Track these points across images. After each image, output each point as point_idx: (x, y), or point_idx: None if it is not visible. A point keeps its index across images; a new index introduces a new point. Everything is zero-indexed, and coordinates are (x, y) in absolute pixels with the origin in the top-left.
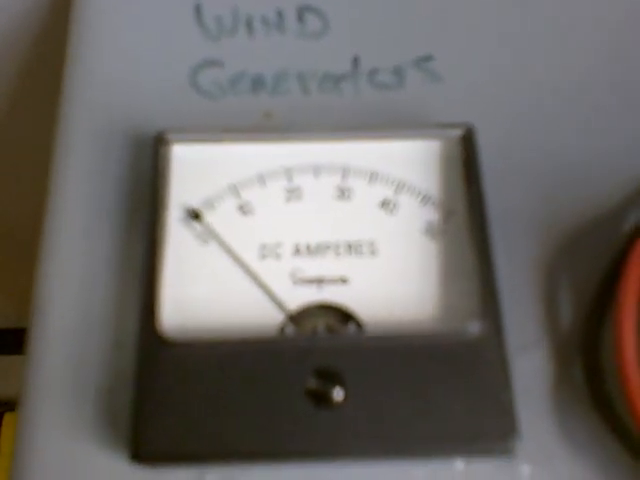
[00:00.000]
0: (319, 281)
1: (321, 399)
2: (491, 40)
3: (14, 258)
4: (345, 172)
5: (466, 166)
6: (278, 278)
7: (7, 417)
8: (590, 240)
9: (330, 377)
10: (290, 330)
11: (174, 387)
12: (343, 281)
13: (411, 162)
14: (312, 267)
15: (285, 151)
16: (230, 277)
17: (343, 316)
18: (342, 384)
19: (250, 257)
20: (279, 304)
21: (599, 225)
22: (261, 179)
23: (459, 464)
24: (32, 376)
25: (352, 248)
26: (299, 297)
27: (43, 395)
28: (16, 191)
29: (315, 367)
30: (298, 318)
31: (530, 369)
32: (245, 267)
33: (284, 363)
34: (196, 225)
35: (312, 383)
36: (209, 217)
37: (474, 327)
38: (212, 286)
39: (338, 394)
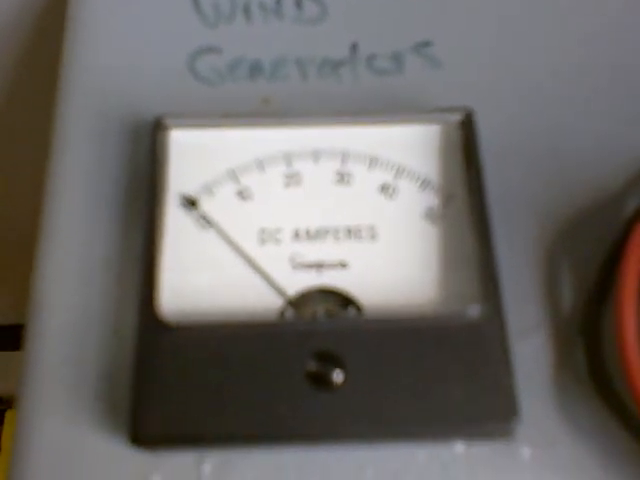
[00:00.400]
0: (319, 266)
1: (321, 381)
2: (490, 25)
3: (10, 254)
4: (344, 157)
5: (466, 150)
6: (278, 263)
7: (8, 414)
8: (591, 224)
9: (330, 360)
10: (290, 314)
11: (173, 370)
12: (343, 266)
13: (410, 147)
14: (312, 252)
15: (284, 136)
16: (229, 263)
17: (343, 301)
18: (342, 367)
19: (249, 242)
20: (278, 289)
21: (600, 209)
22: (260, 164)
23: (459, 447)
24: (32, 365)
25: (352, 233)
26: (299, 282)
27: (42, 383)
28: (11, 184)
29: (315, 350)
30: (298, 303)
31: (531, 353)
32: (244, 253)
33: (284, 346)
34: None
35: (312, 366)
36: (208, 202)
37: (474, 310)
38: (211, 272)
39: (338, 376)
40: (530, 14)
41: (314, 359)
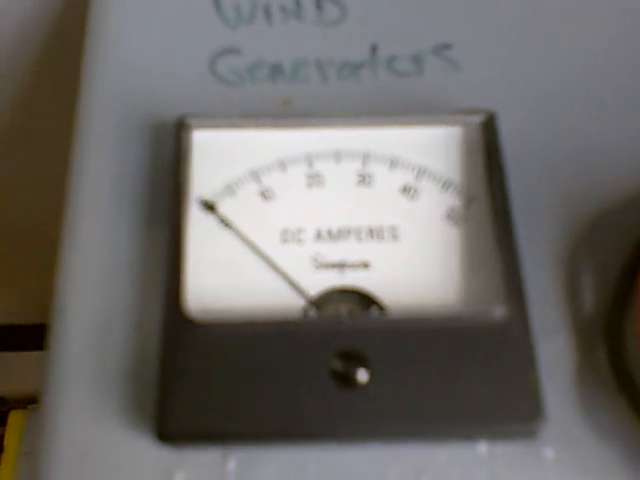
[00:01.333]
0: (341, 266)
1: (345, 380)
2: (510, 28)
3: (18, 255)
4: (366, 158)
5: (487, 152)
6: (300, 263)
7: (12, 415)
8: (613, 224)
9: (354, 359)
10: (312, 314)
11: (199, 368)
12: (365, 266)
13: (432, 148)
14: (334, 252)
15: (306, 137)
16: (251, 263)
17: (365, 301)
18: (366, 366)
19: (272, 242)
20: (300, 289)
21: (622, 209)
22: (282, 165)
23: (482, 446)
24: (56, 363)
25: (374, 233)
26: (321, 282)
27: (67, 381)
28: (29, 187)
29: (339, 349)
30: (320, 303)
31: (553, 354)
32: (265, 253)
33: (308, 345)
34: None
35: (336, 365)
36: (230, 203)
37: (499, 311)
38: (233, 272)
39: (362, 375)
40: (550, 17)
41: (338, 358)
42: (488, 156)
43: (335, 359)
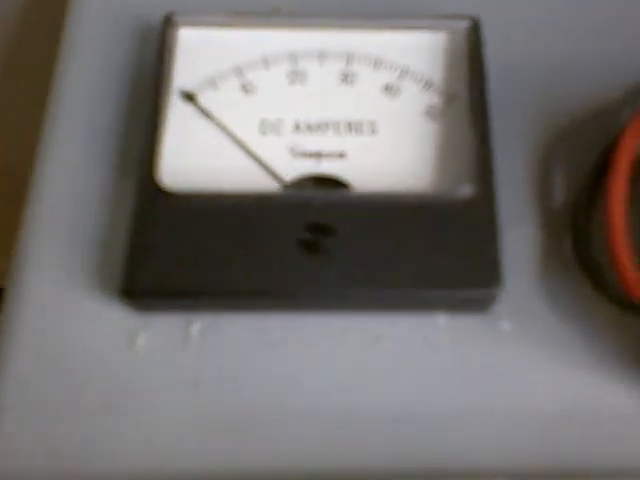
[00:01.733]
0: (317, 155)
1: (311, 248)
2: None
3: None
4: (350, 58)
5: (470, 56)
6: (277, 152)
7: None
8: (586, 129)
9: (322, 230)
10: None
11: (170, 233)
12: (341, 156)
13: (416, 51)
14: (311, 143)
15: (292, 37)
16: (229, 150)
17: (339, 187)
18: (333, 237)
19: (250, 132)
20: (275, 175)
21: (595, 115)
22: (265, 62)
23: (441, 319)
24: (29, 229)
25: (352, 127)
26: (296, 170)
27: (38, 245)
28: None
29: (308, 222)
30: (293, 188)
31: (520, 241)
32: (242, 141)
33: (278, 217)
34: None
35: (305, 236)
36: (211, 95)
37: (466, 189)
38: (211, 157)
39: (328, 244)
40: None
41: (307, 230)
42: (471, 59)
43: (304, 231)
